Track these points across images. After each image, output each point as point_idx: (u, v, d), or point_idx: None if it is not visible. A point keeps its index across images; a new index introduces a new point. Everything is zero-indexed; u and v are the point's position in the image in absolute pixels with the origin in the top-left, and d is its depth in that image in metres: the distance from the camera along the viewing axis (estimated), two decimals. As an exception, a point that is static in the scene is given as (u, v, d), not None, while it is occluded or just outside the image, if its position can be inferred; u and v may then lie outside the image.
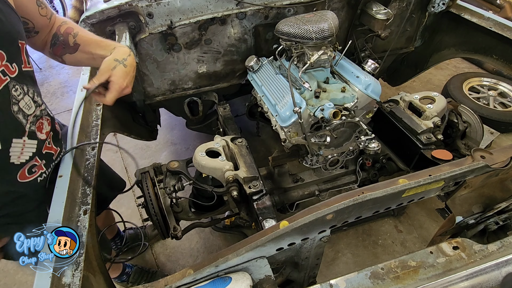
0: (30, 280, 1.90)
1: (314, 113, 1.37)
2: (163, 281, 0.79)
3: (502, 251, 0.87)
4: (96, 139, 1.23)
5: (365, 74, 1.47)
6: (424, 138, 1.46)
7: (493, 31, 1.67)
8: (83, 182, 1.02)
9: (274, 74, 1.58)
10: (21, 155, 0.94)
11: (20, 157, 0.94)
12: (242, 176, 1.28)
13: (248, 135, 2.07)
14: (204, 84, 1.80)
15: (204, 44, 1.62)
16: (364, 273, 0.82)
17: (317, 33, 1.38)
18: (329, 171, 1.68)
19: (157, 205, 1.27)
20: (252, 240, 0.82)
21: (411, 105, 1.63)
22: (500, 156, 0.97)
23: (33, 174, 1.00)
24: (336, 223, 0.91)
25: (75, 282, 0.76)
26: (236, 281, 0.80)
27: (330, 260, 1.92)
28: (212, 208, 1.44)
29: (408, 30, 2.00)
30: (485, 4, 3.36)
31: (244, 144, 1.48)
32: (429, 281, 0.81)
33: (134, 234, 2.04)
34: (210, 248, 2.05)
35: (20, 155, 0.94)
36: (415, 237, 2.02)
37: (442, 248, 0.88)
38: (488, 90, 2.95)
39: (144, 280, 1.87)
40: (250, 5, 1.55)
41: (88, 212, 0.93)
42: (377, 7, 1.67)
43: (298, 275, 1.13)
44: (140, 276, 1.88)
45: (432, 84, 3.38)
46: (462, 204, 1.12)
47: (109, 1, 1.39)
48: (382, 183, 0.91)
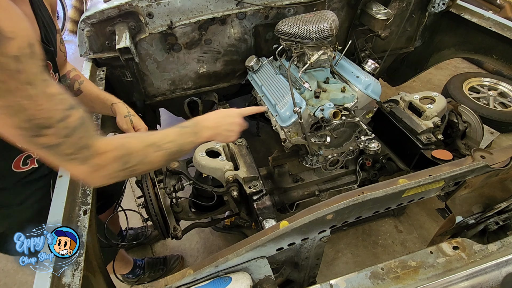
0: (30, 280, 1.90)
1: (314, 113, 1.37)
2: (163, 281, 0.79)
3: (502, 251, 0.87)
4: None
5: (365, 74, 1.47)
6: (424, 138, 1.46)
7: (493, 31, 1.67)
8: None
9: (274, 74, 1.58)
10: None
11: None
12: (242, 176, 1.28)
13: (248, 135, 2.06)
14: (204, 84, 1.80)
15: (204, 44, 1.62)
16: (364, 273, 0.82)
17: (317, 33, 1.38)
18: (329, 171, 1.68)
19: (157, 205, 1.27)
20: (252, 240, 0.82)
21: (411, 105, 1.63)
22: (500, 156, 0.97)
23: (26, 166, 0.99)
24: (336, 223, 0.91)
25: (75, 282, 0.76)
26: (236, 281, 0.80)
27: (330, 260, 1.92)
28: (212, 208, 1.44)
29: (408, 30, 2.00)
30: (485, 4, 3.36)
31: (244, 144, 1.48)
32: (429, 281, 0.81)
33: (135, 234, 2.04)
34: (210, 248, 2.05)
35: None
36: (415, 237, 2.02)
37: (442, 248, 0.88)
38: (488, 90, 2.95)
39: (159, 268, 1.88)
40: (250, 5, 1.55)
41: (88, 212, 0.92)
42: (377, 7, 1.67)
43: (298, 275, 1.13)
44: (154, 265, 1.89)
45: (432, 84, 3.38)
46: (462, 204, 1.12)
47: (109, 1, 1.39)
48: (382, 183, 0.91)
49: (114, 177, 0.72)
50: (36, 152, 0.67)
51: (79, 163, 0.65)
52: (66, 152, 0.63)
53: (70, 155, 0.63)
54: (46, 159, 0.63)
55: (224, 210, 1.50)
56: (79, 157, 0.64)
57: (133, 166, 0.74)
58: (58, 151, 0.62)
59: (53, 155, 0.62)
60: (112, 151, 0.70)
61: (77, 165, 0.65)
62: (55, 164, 0.66)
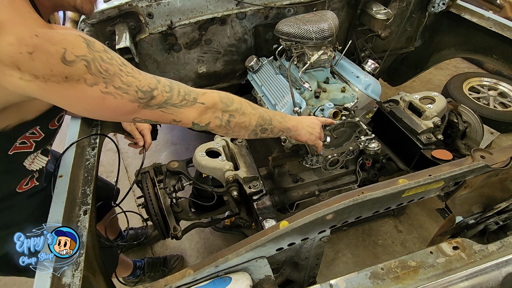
0: (30, 280, 1.89)
1: (314, 113, 1.37)
2: (163, 281, 0.79)
3: (502, 251, 0.87)
4: (96, 139, 1.23)
5: (365, 74, 1.47)
6: (424, 138, 1.46)
7: (493, 31, 1.67)
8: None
9: (274, 74, 1.58)
10: (31, 163, 0.95)
11: (31, 164, 0.95)
12: (242, 176, 1.28)
13: (248, 135, 2.06)
14: (204, 84, 1.80)
15: (204, 44, 1.62)
16: (364, 273, 0.82)
17: (317, 33, 1.38)
18: (329, 171, 1.68)
19: (157, 205, 1.27)
20: (252, 240, 0.82)
21: (411, 105, 1.63)
22: (500, 156, 0.97)
23: (27, 186, 1.00)
24: (336, 223, 0.91)
25: (75, 282, 0.76)
26: (236, 281, 0.80)
27: (330, 260, 1.92)
28: (212, 208, 1.44)
29: (408, 30, 2.00)
30: (485, 4, 3.36)
31: (244, 144, 1.48)
32: (429, 281, 0.81)
33: (135, 234, 2.04)
34: (210, 248, 2.05)
35: (31, 163, 0.95)
36: (415, 237, 2.02)
37: (442, 248, 0.88)
38: (488, 90, 2.94)
39: (159, 268, 1.89)
40: (250, 5, 1.55)
41: (88, 212, 0.92)
42: (377, 7, 1.67)
43: (298, 275, 1.13)
44: (153, 265, 1.89)
45: (432, 84, 3.38)
46: (462, 204, 1.12)
47: (109, 1, 1.39)
48: (382, 183, 0.91)
49: (219, 119, 0.85)
50: (153, 115, 0.78)
51: (189, 107, 0.80)
52: (175, 103, 0.78)
53: (179, 103, 0.78)
54: (162, 118, 0.78)
55: (224, 210, 1.50)
56: (186, 103, 0.79)
57: (233, 111, 0.88)
58: (169, 104, 0.77)
59: (168, 109, 0.77)
60: (213, 92, 0.85)
61: (188, 110, 0.80)
62: (173, 119, 0.79)
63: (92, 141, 1.21)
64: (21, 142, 0.85)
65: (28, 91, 0.64)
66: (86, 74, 0.65)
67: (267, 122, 0.96)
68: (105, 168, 2.56)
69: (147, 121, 0.80)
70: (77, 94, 0.66)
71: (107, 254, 1.28)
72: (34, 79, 0.62)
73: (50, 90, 0.65)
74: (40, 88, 0.64)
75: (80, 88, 0.66)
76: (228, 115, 0.88)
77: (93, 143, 1.20)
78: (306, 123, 1.07)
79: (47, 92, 0.65)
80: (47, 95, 0.66)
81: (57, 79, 0.63)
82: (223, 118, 0.87)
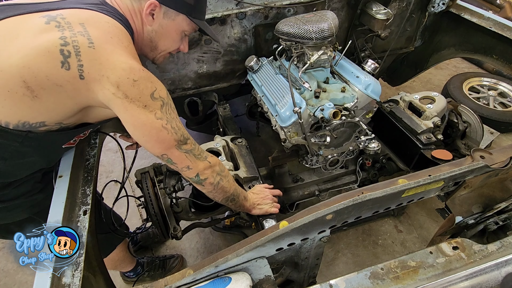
0: (30, 280, 1.90)
1: (314, 113, 1.37)
2: (163, 281, 0.79)
3: (501, 251, 0.87)
4: (96, 139, 1.23)
5: (365, 74, 1.47)
6: (424, 138, 1.46)
7: (493, 31, 1.67)
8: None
9: (274, 74, 1.58)
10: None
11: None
12: (242, 176, 1.28)
13: (248, 135, 2.06)
14: (204, 84, 1.80)
15: (204, 44, 1.62)
16: (364, 273, 0.82)
17: (317, 33, 1.38)
18: (329, 171, 1.68)
19: (157, 205, 1.27)
20: (252, 240, 0.83)
21: (411, 105, 1.63)
22: (499, 156, 0.97)
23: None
24: (336, 223, 0.91)
25: (75, 282, 0.76)
26: (236, 281, 0.80)
27: (330, 260, 1.92)
28: (212, 208, 1.44)
29: (408, 30, 2.00)
30: (485, 4, 3.36)
31: (244, 144, 1.49)
32: (429, 281, 0.81)
33: (146, 234, 2.05)
34: (210, 248, 2.05)
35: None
36: (415, 237, 2.02)
37: (442, 248, 0.88)
38: (488, 90, 2.95)
39: (159, 267, 1.91)
40: (250, 5, 1.55)
41: (88, 212, 0.93)
42: (377, 7, 1.67)
43: (298, 275, 1.13)
44: (153, 265, 1.91)
45: (432, 84, 3.38)
46: (462, 204, 1.12)
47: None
48: (382, 183, 0.91)
49: (214, 178, 1.06)
50: (178, 157, 0.97)
51: (201, 161, 1.03)
52: (195, 154, 1.01)
53: (198, 155, 1.02)
54: (182, 161, 0.99)
55: (224, 210, 1.50)
56: (201, 157, 1.03)
57: (223, 176, 1.10)
58: (192, 153, 1.00)
59: (189, 157, 0.99)
60: (214, 157, 1.10)
61: (200, 163, 1.02)
62: (188, 165, 1.00)
63: (92, 141, 1.21)
64: (74, 140, 1.05)
65: (111, 103, 0.84)
66: (158, 110, 0.88)
67: (236, 195, 1.16)
68: (105, 168, 2.56)
69: (169, 160, 0.98)
70: (145, 120, 0.87)
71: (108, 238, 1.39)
72: (123, 98, 0.82)
73: (128, 109, 0.84)
74: (122, 105, 0.83)
75: (150, 116, 0.87)
76: (219, 178, 1.09)
77: (93, 143, 1.20)
78: (257, 202, 1.25)
79: (126, 109, 0.84)
80: (124, 111, 0.85)
81: (139, 104, 0.85)
82: (216, 178, 1.07)
